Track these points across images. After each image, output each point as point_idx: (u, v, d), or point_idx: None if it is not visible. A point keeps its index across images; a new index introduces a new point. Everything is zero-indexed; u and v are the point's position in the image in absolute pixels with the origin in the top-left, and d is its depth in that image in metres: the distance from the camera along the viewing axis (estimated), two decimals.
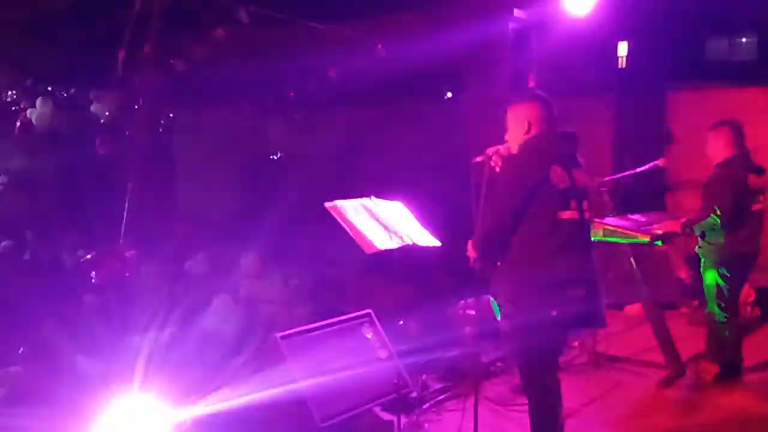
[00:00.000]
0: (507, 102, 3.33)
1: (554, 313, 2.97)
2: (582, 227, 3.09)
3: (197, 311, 5.05)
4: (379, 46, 6.70)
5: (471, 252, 3.22)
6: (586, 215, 3.11)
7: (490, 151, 3.29)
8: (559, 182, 3.00)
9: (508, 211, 3.02)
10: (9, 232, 5.76)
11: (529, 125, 3.12)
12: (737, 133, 4.44)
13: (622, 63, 7.82)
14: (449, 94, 8.41)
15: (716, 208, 4.26)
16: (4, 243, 5.47)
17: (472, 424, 3.49)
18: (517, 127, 3.17)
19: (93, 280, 4.78)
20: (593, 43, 7.07)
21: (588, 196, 3.15)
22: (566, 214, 3.02)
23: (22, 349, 4.41)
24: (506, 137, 3.25)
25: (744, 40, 9.23)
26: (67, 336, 4.52)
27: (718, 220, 4.25)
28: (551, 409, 3.15)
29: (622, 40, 7.77)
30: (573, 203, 3.04)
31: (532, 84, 6.65)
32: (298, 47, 6.57)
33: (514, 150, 3.20)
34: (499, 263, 3.12)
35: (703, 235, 4.42)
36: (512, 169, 3.11)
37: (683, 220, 4.50)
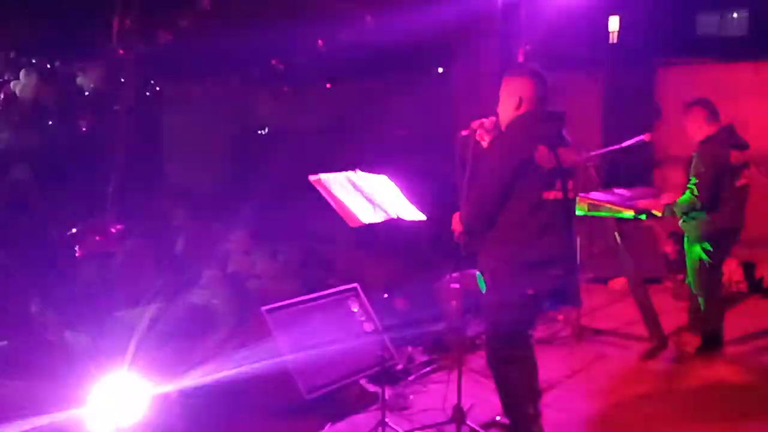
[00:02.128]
0: (501, 73, 3.31)
1: (530, 291, 3.01)
2: (565, 207, 3.11)
3: (185, 286, 5.06)
4: (368, 18, 6.63)
5: (456, 226, 3.24)
6: (570, 195, 3.12)
7: (474, 124, 3.28)
8: (544, 163, 2.99)
9: (493, 191, 3.03)
10: None
11: (520, 101, 3.09)
12: (710, 109, 4.42)
13: (613, 38, 7.79)
14: (440, 70, 8.36)
15: (693, 187, 4.29)
16: None
17: (456, 395, 3.55)
18: (508, 102, 3.14)
19: (77, 255, 4.77)
20: (584, 18, 7.03)
21: (573, 175, 3.14)
22: (550, 195, 3.02)
23: (8, 323, 4.41)
24: (497, 109, 3.23)
25: (735, 15, 9.21)
26: (53, 311, 4.52)
27: (698, 202, 4.28)
28: (517, 382, 3.19)
29: (614, 14, 7.73)
30: (557, 183, 3.05)
31: (521, 58, 6.61)
32: (286, 18, 6.49)
33: (503, 123, 3.18)
34: (483, 239, 3.15)
35: (686, 210, 4.45)
36: (498, 149, 3.10)
37: (665, 201, 4.51)
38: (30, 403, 3.29)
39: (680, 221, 4.54)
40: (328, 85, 8.07)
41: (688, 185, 4.35)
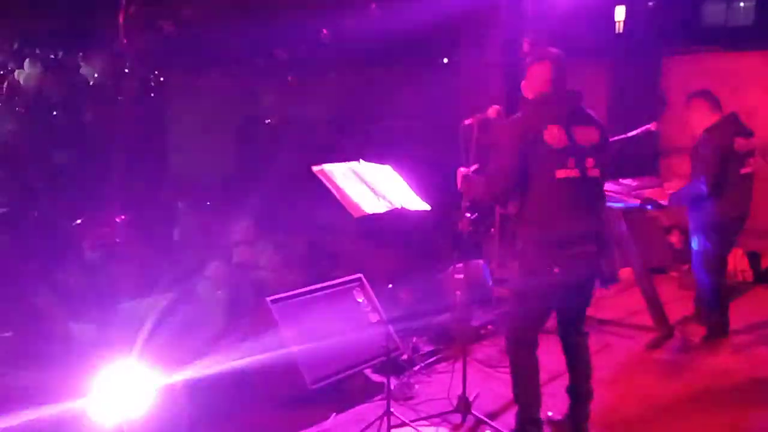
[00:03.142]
0: (507, 63, 3.32)
1: (556, 270, 3.01)
2: (585, 185, 3.08)
3: (190, 277, 5.06)
4: (373, 7, 6.59)
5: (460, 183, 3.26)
6: (591, 173, 3.08)
7: (477, 116, 3.29)
8: (554, 142, 3.00)
9: (502, 167, 3.05)
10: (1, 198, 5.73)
11: (537, 85, 3.14)
12: (711, 100, 4.41)
13: (619, 27, 7.73)
14: (445, 60, 8.31)
15: (698, 175, 4.27)
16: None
17: (460, 385, 3.55)
18: (527, 89, 3.19)
19: (83, 246, 4.77)
20: (590, 7, 6.98)
21: (594, 153, 3.10)
22: (562, 173, 3.01)
23: (15, 314, 4.42)
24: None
25: (742, 4, 9.12)
26: (59, 302, 4.53)
27: (704, 191, 4.26)
28: (534, 374, 3.21)
29: (620, 4, 7.66)
30: (571, 161, 3.03)
31: (526, 47, 6.57)
32: (290, 7, 6.45)
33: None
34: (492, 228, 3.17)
35: (692, 199, 4.43)
36: (504, 130, 3.12)
37: (670, 191, 4.50)
38: (35, 394, 3.31)
39: (686, 210, 4.53)
40: (332, 75, 8.04)
41: (693, 174, 4.34)
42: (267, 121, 7.95)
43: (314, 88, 8.00)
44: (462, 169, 3.29)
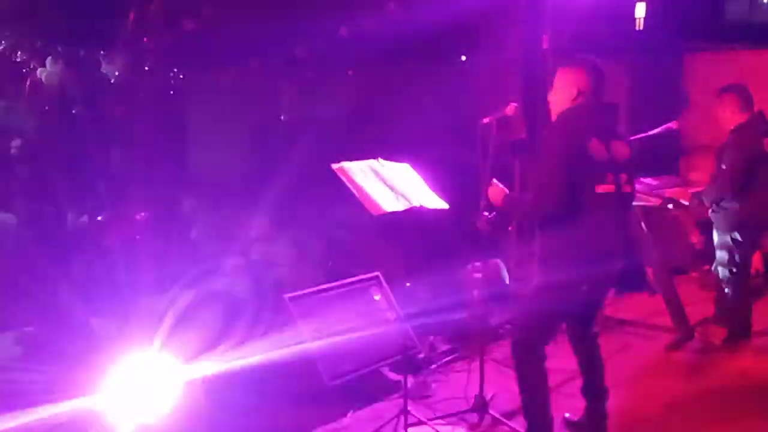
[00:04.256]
0: (525, 61, 3.27)
1: (584, 287, 2.98)
2: (619, 201, 3.02)
3: (208, 274, 5.09)
4: (391, 5, 6.59)
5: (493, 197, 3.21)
6: (624, 189, 3.03)
7: (495, 115, 3.26)
8: (596, 154, 2.93)
9: (554, 187, 2.92)
10: (25, 195, 5.81)
11: (578, 93, 3.03)
12: (744, 96, 4.33)
13: (639, 24, 7.66)
14: (463, 58, 8.29)
15: (725, 176, 4.21)
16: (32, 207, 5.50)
17: (478, 384, 3.54)
18: (564, 93, 3.08)
19: (103, 243, 4.82)
20: (610, 4, 6.91)
21: (627, 168, 3.05)
22: (602, 188, 2.95)
23: (36, 309, 4.48)
24: (549, 98, 3.16)
25: (765, 0, 9.00)
26: (80, 298, 4.59)
27: (729, 191, 4.20)
28: (543, 379, 3.15)
29: (640, 1, 7.59)
30: (609, 176, 2.97)
31: (545, 45, 6.52)
32: (309, 5, 6.47)
33: (554, 113, 3.13)
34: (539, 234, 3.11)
35: (716, 200, 4.37)
36: (553, 140, 3.03)
37: (693, 190, 4.45)
38: (56, 389, 3.35)
39: (710, 210, 4.47)
40: (350, 73, 8.05)
41: (718, 175, 4.28)
42: (286, 118, 7.99)
43: (332, 86, 8.02)
44: (492, 187, 3.21)
